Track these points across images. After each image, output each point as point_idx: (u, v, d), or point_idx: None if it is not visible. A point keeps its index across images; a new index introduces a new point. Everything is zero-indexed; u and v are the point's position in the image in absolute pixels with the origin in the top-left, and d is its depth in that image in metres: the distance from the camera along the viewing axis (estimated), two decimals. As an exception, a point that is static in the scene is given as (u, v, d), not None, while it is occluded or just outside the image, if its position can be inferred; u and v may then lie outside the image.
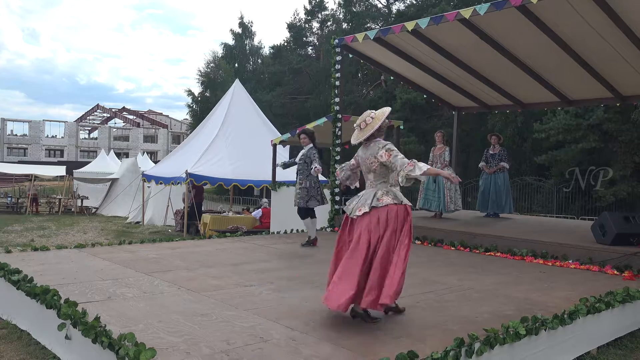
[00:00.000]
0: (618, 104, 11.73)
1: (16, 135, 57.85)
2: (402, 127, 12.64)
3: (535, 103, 11.70)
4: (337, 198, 10.11)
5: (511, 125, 22.53)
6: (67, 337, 3.98)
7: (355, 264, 3.96)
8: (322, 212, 10.14)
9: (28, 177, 24.37)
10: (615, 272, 6.18)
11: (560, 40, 8.11)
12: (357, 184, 4.61)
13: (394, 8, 33.11)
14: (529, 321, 3.97)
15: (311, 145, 7.80)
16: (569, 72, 9.25)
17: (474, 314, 4.35)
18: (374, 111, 4.24)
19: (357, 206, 4.17)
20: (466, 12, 7.54)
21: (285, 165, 8.27)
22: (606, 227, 6.96)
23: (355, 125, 4.29)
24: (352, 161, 4.46)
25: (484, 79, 10.42)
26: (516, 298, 4.92)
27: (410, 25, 8.30)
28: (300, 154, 7.89)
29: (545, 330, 4.06)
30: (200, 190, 15.33)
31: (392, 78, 12.53)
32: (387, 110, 4.21)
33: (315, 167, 7.55)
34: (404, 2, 32.85)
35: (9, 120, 57.19)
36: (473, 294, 5.07)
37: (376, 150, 4.12)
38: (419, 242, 8.39)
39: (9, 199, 23.27)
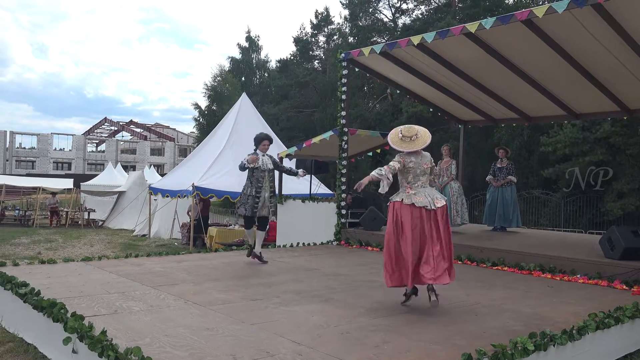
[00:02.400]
0: (625, 117, 11.69)
1: (24, 148, 58.34)
2: (408, 140, 12.63)
3: (542, 116, 11.69)
4: (344, 212, 10.09)
5: (518, 138, 22.51)
6: (73, 351, 3.98)
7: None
8: (329, 226, 10.15)
9: (35, 190, 24.51)
10: (624, 287, 6.12)
11: (567, 54, 8.12)
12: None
13: (400, 22, 33.30)
14: (538, 337, 3.93)
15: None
16: (575, 85, 9.25)
17: (482, 329, 4.31)
18: (417, 127, 5.18)
19: (431, 200, 4.99)
20: (472, 27, 7.57)
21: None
22: (614, 242, 6.91)
23: (403, 136, 5.09)
24: (398, 165, 5.05)
25: (490, 93, 10.43)
26: (524, 313, 4.88)
27: (416, 40, 8.35)
28: (267, 160, 7.46)
29: (554, 346, 4.02)
30: (206, 203, 15.36)
31: (398, 92, 12.56)
32: (429, 135, 5.14)
33: (302, 170, 7.56)
34: (410, 16, 33.06)
35: (17, 133, 57.72)
36: (480, 309, 5.04)
37: (429, 159, 5.17)
38: (426, 256, 8.34)
39: (17, 211, 23.39)
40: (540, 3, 24.39)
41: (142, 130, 68.65)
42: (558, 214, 19.49)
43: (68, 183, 24.75)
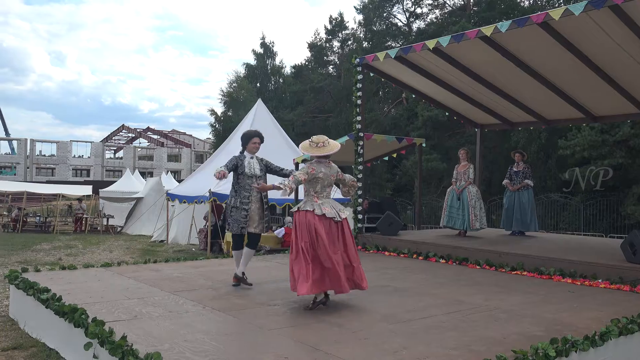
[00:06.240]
0: (645, 120, 11.55)
1: (44, 155, 59.25)
2: (424, 144, 12.60)
3: (560, 119, 11.57)
4: (360, 217, 10.07)
5: (535, 141, 22.30)
6: (94, 357, 4.02)
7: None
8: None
9: (55, 197, 24.85)
10: (647, 291, 6.02)
11: (584, 56, 8.04)
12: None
13: (414, 26, 33.28)
14: (559, 342, 3.88)
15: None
16: (593, 88, 9.15)
17: (501, 335, 4.27)
18: (326, 137, 5.51)
19: (336, 212, 5.30)
20: (487, 30, 7.53)
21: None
22: (636, 246, 6.79)
23: (312, 142, 5.40)
24: (304, 177, 5.24)
25: (507, 96, 10.36)
26: (544, 318, 4.82)
27: (431, 44, 8.33)
28: (255, 163, 6.21)
29: (575, 352, 3.96)
30: (220, 208, 15.39)
31: (413, 96, 12.55)
32: (339, 145, 5.46)
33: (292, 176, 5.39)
34: (424, 21, 33.03)
35: (37, 141, 58.65)
36: (500, 314, 4.99)
37: (336, 170, 5.49)
38: (443, 261, 8.30)
39: (38, 218, 23.74)
40: (557, 5, 24.18)
41: (159, 137, 69.29)
42: (577, 217, 19.24)
43: (87, 190, 25.06)
